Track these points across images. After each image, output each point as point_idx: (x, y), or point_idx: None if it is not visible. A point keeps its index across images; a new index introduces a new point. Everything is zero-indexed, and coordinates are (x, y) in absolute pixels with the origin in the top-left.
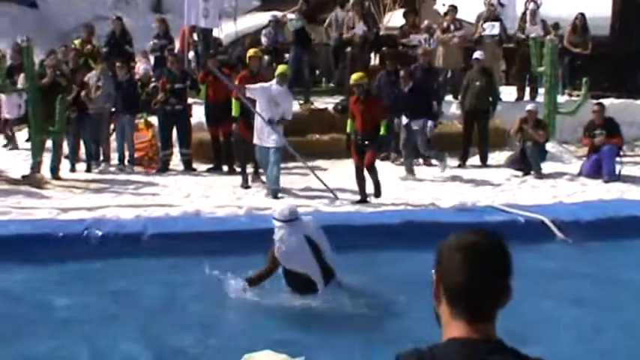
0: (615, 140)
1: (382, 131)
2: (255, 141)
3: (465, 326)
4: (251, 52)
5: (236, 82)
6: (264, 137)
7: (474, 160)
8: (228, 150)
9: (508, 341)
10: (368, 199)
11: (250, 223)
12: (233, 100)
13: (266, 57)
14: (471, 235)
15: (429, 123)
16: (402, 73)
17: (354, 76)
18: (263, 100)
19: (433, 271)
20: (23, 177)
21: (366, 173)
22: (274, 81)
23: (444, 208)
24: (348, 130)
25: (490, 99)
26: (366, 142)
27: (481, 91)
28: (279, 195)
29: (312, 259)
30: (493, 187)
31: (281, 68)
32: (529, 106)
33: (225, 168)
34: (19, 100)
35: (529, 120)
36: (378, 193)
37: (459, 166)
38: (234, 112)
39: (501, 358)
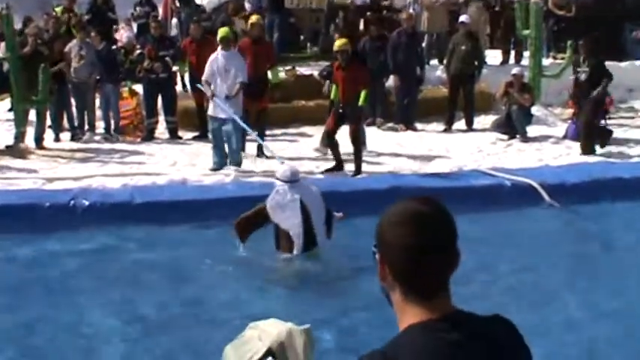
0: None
1: (361, 101)
2: (210, 112)
3: (420, 307)
4: (253, 19)
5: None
6: (218, 110)
7: (460, 124)
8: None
9: (495, 308)
10: (343, 166)
11: (237, 191)
12: None
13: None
14: (411, 206)
15: None
16: None
17: (338, 43)
18: (216, 73)
19: (374, 249)
20: (7, 147)
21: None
22: (219, 49)
23: (431, 173)
24: (332, 96)
25: (476, 63)
26: (347, 113)
27: (467, 55)
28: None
29: (298, 221)
30: (479, 151)
31: (221, 32)
32: (514, 70)
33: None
34: None
35: (515, 84)
36: (358, 170)
37: (445, 130)
38: None
39: (460, 334)
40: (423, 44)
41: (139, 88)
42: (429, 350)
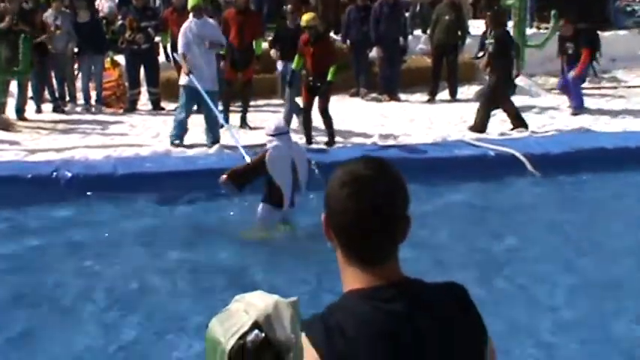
0: (583, 57)
1: (330, 77)
2: (183, 82)
3: (362, 273)
4: None
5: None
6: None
7: (444, 94)
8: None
9: (471, 278)
10: (313, 141)
11: (220, 162)
12: None
13: None
14: (355, 166)
15: None
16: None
17: (305, 17)
18: (191, 42)
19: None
20: None
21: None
22: (190, 18)
23: (414, 144)
24: (294, 66)
25: (459, 33)
26: (316, 87)
27: (450, 25)
28: (176, 142)
29: (290, 179)
30: (463, 122)
31: (192, 0)
32: None
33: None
34: None
35: None
36: (331, 141)
37: (429, 100)
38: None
39: (401, 303)
40: (407, 14)
41: (120, 59)
42: (366, 319)
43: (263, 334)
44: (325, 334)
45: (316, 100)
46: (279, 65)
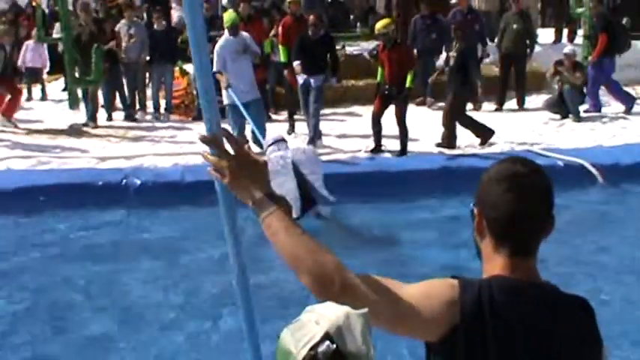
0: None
1: (408, 83)
2: (227, 102)
3: (507, 262)
4: None
5: (280, 30)
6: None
7: (511, 103)
8: (263, 96)
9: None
10: (382, 147)
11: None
12: (280, 47)
13: None
14: (512, 165)
15: None
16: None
17: (379, 24)
18: (227, 59)
19: (472, 205)
20: (71, 126)
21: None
22: (226, 34)
23: (482, 154)
24: (378, 78)
25: (527, 42)
26: (393, 94)
27: (518, 34)
28: None
29: (294, 185)
30: (531, 131)
31: (229, 19)
32: (566, 49)
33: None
34: (42, 48)
35: (566, 63)
36: (403, 151)
37: (496, 110)
38: (283, 58)
39: (541, 298)
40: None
41: (189, 67)
42: (509, 303)
43: (334, 346)
44: (477, 289)
45: (392, 107)
46: (300, 79)
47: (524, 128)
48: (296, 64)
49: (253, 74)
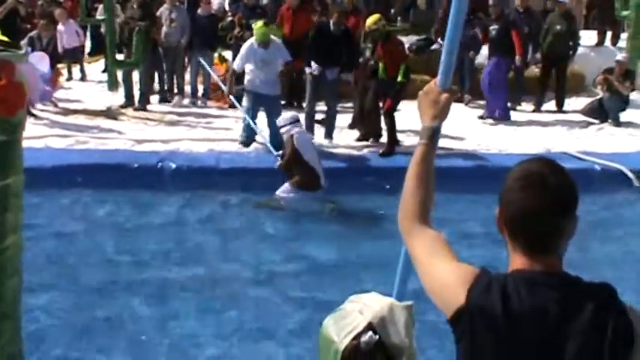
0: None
1: (400, 77)
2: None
3: (525, 258)
4: None
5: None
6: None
7: (550, 105)
8: (299, 86)
9: None
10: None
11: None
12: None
13: None
14: (531, 165)
15: None
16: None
17: (369, 21)
18: (253, 65)
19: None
20: (121, 106)
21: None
22: (256, 44)
23: (517, 154)
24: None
25: (570, 43)
26: (386, 88)
27: (561, 35)
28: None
29: (317, 156)
30: (569, 134)
31: (260, 35)
32: (619, 56)
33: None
34: (76, 27)
35: (617, 70)
36: (388, 149)
37: (534, 110)
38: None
39: (555, 290)
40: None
41: (228, 54)
42: (522, 294)
43: (377, 336)
44: (489, 279)
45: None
46: (316, 69)
47: (561, 130)
48: (314, 67)
49: (277, 73)
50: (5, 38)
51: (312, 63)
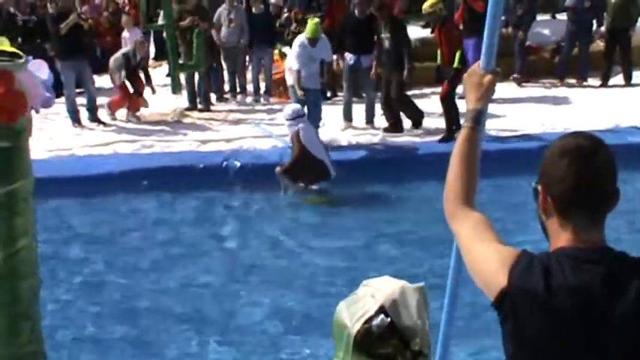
0: None
1: (455, 64)
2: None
3: (572, 235)
4: None
5: None
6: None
7: (618, 79)
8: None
9: None
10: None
11: (383, 150)
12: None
13: None
14: (573, 139)
15: None
16: None
17: (426, 4)
18: (301, 60)
19: (534, 183)
20: (187, 109)
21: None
22: (306, 41)
23: (585, 131)
24: (438, 60)
25: (632, 13)
26: (444, 73)
27: (622, 6)
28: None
29: (325, 150)
30: (638, 107)
31: (312, 31)
32: None
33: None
34: (140, 33)
35: None
36: (448, 135)
37: (601, 85)
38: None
39: (599, 266)
40: None
41: (287, 50)
42: (565, 271)
43: (389, 319)
44: (531, 259)
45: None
46: (350, 59)
47: (630, 104)
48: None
49: (319, 68)
50: (7, 48)
51: (346, 53)
